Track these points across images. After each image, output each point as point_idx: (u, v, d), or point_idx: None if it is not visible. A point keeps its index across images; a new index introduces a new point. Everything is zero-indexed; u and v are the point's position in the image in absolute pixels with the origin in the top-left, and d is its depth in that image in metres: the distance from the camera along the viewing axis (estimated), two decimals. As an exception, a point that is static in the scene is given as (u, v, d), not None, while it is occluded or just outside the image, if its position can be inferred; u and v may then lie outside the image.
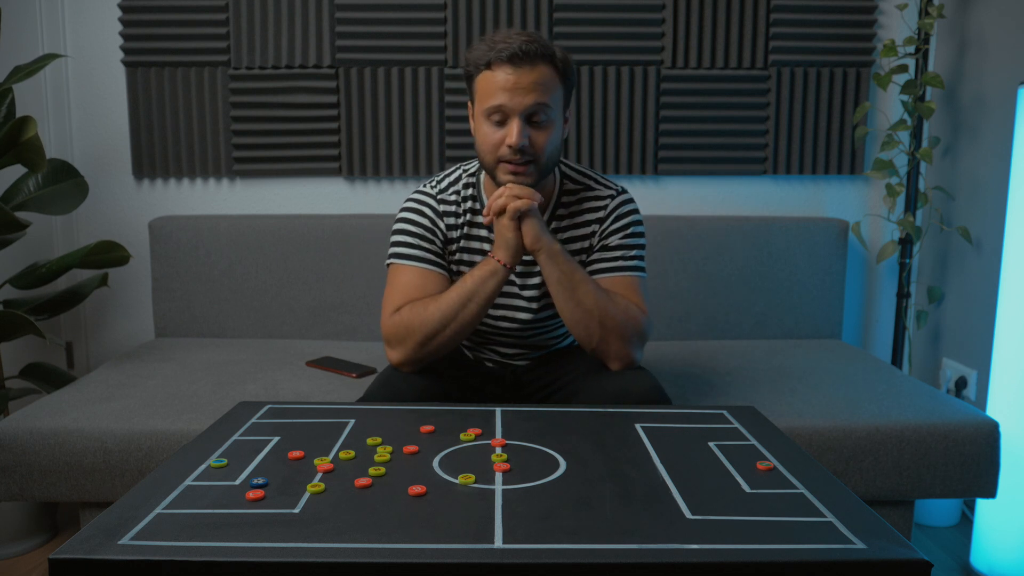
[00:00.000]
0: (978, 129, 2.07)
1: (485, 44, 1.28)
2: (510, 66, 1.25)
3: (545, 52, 1.26)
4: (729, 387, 1.72)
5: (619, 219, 1.41)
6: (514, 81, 1.25)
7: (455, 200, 1.41)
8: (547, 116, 1.27)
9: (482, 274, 1.30)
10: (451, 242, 1.41)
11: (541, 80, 1.25)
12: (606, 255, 1.40)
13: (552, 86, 1.27)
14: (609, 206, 1.41)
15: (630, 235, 1.41)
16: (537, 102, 1.25)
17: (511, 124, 1.26)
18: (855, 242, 2.30)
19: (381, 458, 0.97)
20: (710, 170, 2.29)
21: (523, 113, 1.26)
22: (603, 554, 0.74)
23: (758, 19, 2.22)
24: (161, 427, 1.52)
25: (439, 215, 1.40)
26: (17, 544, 1.84)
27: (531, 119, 1.27)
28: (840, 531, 0.79)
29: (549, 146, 1.29)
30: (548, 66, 1.27)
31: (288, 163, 2.26)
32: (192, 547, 0.74)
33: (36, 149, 1.75)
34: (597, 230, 1.41)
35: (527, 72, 1.25)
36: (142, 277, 2.29)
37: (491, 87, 1.26)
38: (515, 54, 1.24)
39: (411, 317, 1.30)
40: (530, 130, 1.27)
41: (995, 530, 1.72)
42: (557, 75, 1.28)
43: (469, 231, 1.41)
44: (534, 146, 1.27)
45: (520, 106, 1.25)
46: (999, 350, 1.73)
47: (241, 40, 2.19)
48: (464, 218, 1.41)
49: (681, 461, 0.98)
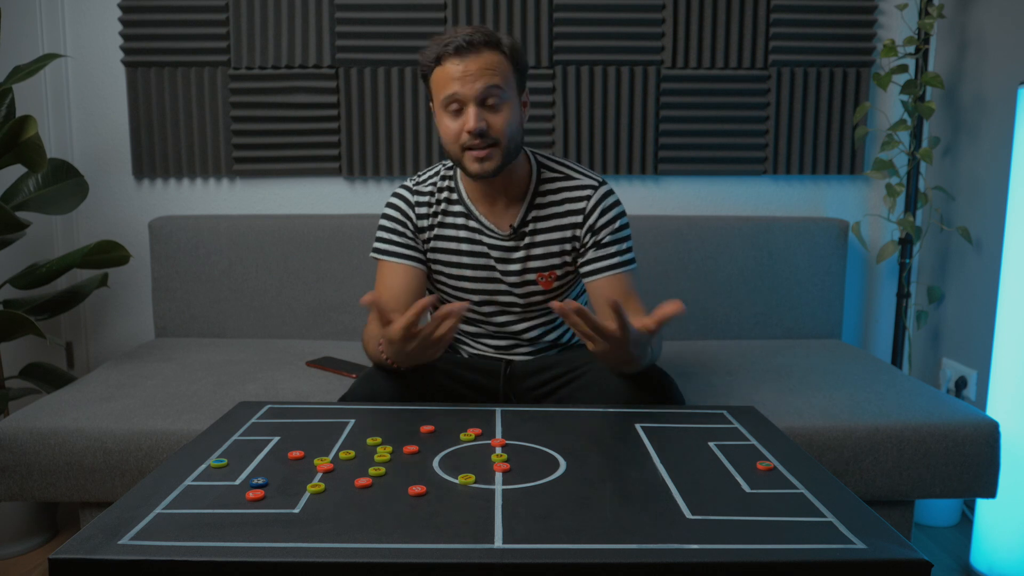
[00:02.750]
0: (978, 129, 2.07)
1: (434, 42, 1.34)
2: (457, 57, 1.31)
3: (490, 40, 1.32)
4: (729, 387, 1.72)
5: (605, 212, 1.43)
6: (463, 69, 1.30)
7: (430, 191, 1.47)
8: (500, 98, 1.32)
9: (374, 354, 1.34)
10: (422, 231, 1.46)
11: (489, 65, 1.31)
12: (600, 253, 1.42)
13: (501, 70, 1.32)
14: (592, 198, 1.44)
15: (619, 228, 1.44)
16: (488, 85, 1.30)
17: (467, 111, 1.31)
18: (855, 242, 2.30)
19: (381, 458, 0.97)
20: (710, 170, 2.29)
21: (477, 98, 1.31)
22: (603, 554, 0.74)
23: (758, 19, 2.22)
24: (161, 427, 1.52)
25: (411, 205, 1.46)
26: (17, 544, 1.84)
27: (485, 103, 1.32)
28: (840, 531, 0.79)
29: (508, 128, 1.33)
30: (495, 52, 1.32)
31: (288, 163, 2.26)
32: (192, 547, 0.74)
33: (36, 149, 1.75)
34: (580, 222, 1.44)
35: (474, 59, 1.30)
36: (142, 277, 2.29)
37: (444, 80, 1.32)
38: (460, 45, 1.30)
39: (365, 337, 1.38)
40: (486, 114, 1.32)
41: (995, 530, 1.72)
42: (506, 59, 1.34)
43: (443, 219, 1.46)
44: (492, 129, 1.32)
45: (472, 91, 1.30)
46: (999, 350, 1.73)
47: (241, 40, 2.19)
48: (437, 207, 1.46)
49: (681, 461, 0.98)
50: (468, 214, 1.44)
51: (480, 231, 1.44)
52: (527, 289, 1.46)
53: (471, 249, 1.45)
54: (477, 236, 1.44)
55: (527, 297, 1.47)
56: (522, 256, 1.44)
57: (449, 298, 1.51)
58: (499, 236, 1.44)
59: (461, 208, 1.45)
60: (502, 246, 1.44)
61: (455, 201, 1.45)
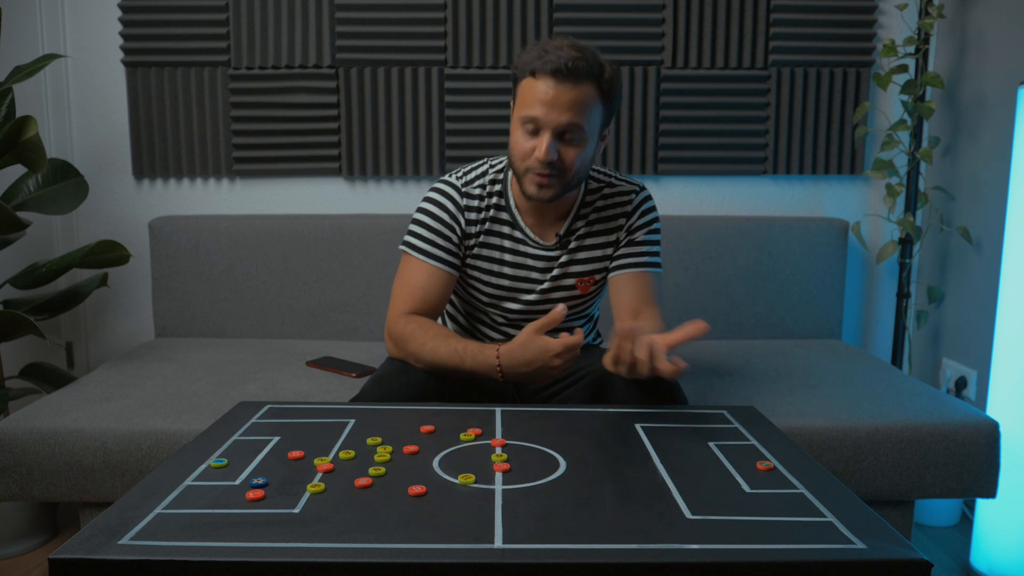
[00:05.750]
0: (978, 129, 2.07)
1: (536, 50, 1.27)
2: (552, 79, 1.23)
3: (591, 71, 1.25)
4: (729, 387, 1.72)
5: (645, 214, 1.45)
6: (553, 96, 1.24)
7: (479, 195, 1.41)
8: (579, 136, 1.27)
9: (477, 364, 1.27)
10: (469, 236, 1.41)
11: (580, 100, 1.24)
12: (632, 250, 1.43)
13: (590, 106, 1.26)
14: (635, 201, 1.44)
15: (653, 231, 1.45)
16: (571, 122, 1.25)
17: (542, 137, 1.26)
18: (855, 242, 2.30)
19: (381, 458, 0.97)
20: (710, 170, 2.29)
21: (555, 129, 1.25)
22: (603, 554, 0.74)
23: (758, 19, 2.22)
24: (161, 427, 1.52)
25: (461, 209, 1.40)
26: (17, 544, 1.84)
27: (563, 136, 1.27)
28: (840, 531, 0.79)
29: (578, 163, 1.29)
30: (591, 85, 1.26)
31: (288, 163, 2.26)
32: (192, 547, 0.74)
33: (37, 149, 1.75)
34: (624, 224, 1.44)
35: (567, 89, 1.23)
36: (142, 277, 2.29)
37: (530, 96, 1.26)
38: (559, 68, 1.22)
39: (410, 338, 1.32)
40: (561, 145, 1.27)
41: (995, 530, 1.72)
42: (599, 95, 1.27)
43: (490, 227, 1.41)
44: (562, 161, 1.28)
45: (554, 123, 1.25)
46: (999, 350, 1.73)
47: (241, 40, 2.19)
48: (486, 213, 1.41)
49: (681, 461, 0.98)
50: (514, 224, 1.41)
51: (524, 241, 1.42)
52: (563, 294, 1.44)
53: (513, 260, 1.42)
54: (521, 247, 1.42)
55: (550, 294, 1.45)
56: (565, 261, 1.43)
57: (480, 305, 1.48)
58: (543, 247, 1.42)
59: (508, 217, 1.41)
60: (545, 256, 1.42)
61: (503, 208, 1.41)
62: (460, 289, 1.49)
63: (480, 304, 1.48)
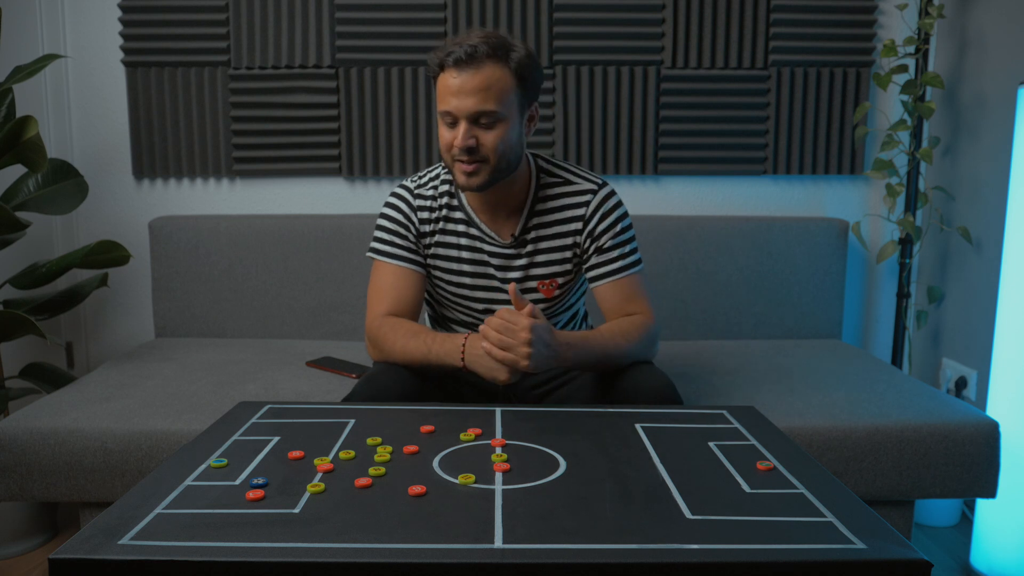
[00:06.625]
0: (978, 129, 2.07)
1: (441, 47, 1.30)
2: (456, 70, 1.26)
3: (495, 52, 1.26)
4: (729, 387, 1.72)
5: (605, 217, 1.41)
6: (459, 85, 1.26)
7: (431, 195, 1.44)
8: (494, 119, 1.28)
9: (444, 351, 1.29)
10: (424, 236, 1.44)
11: (485, 83, 1.26)
12: (603, 258, 1.41)
13: (501, 87, 1.27)
14: (592, 203, 1.41)
15: (620, 231, 1.42)
16: (481, 107, 1.26)
17: (459, 126, 1.29)
18: (855, 242, 2.30)
19: (381, 458, 0.97)
20: (710, 170, 2.29)
21: (468, 116, 1.27)
22: (603, 554, 0.74)
23: (758, 19, 2.22)
24: (161, 427, 1.52)
25: (413, 209, 1.43)
26: (17, 544, 1.84)
27: (478, 121, 1.28)
28: (840, 531, 0.79)
29: (500, 145, 1.29)
30: (497, 66, 1.27)
31: (288, 163, 2.26)
32: (192, 547, 0.74)
33: (37, 149, 1.75)
34: (581, 228, 1.42)
35: (471, 75, 1.26)
36: (142, 277, 2.29)
37: (442, 90, 1.29)
38: (459, 58, 1.25)
39: (383, 338, 1.35)
40: (478, 131, 1.29)
41: (995, 530, 1.72)
42: (510, 74, 1.28)
43: (444, 226, 1.43)
44: (483, 147, 1.29)
45: (464, 110, 1.27)
46: (999, 350, 1.73)
47: (241, 40, 2.19)
48: (439, 212, 1.43)
49: (681, 461, 0.98)
50: (469, 221, 1.42)
51: (481, 239, 1.43)
52: (529, 297, 1.44)
53: (472, 257, 1.43)
54: (478, 244, 1.43)
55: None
56: (524, 264, 1.43)
57: (449, 304, 1.50)
58: (500, 244, 1.42)
59: (462, 215, 1.43)
60: (503, 254, 1.43)
61: (456, 207, 1.43)
62: (430, 290, 1.51)
63: (448, 303, 1.50)
